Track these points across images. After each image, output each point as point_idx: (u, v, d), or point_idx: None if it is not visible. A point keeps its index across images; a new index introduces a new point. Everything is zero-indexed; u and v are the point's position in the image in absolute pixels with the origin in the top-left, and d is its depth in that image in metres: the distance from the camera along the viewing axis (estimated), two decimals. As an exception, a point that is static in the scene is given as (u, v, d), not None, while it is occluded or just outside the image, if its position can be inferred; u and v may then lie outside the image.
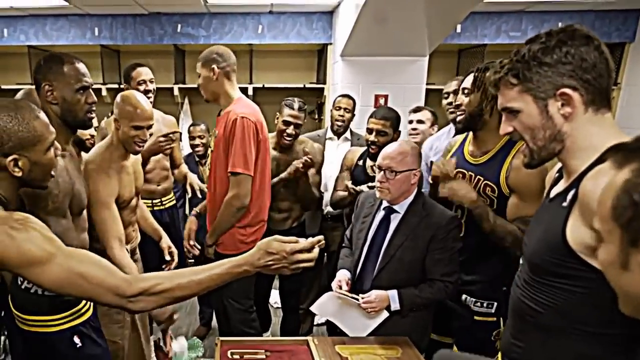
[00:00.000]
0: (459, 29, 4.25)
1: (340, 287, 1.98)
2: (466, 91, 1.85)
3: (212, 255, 2.40)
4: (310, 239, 1.21)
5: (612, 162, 0.67)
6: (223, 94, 2.36)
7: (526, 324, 1.19)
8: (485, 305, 1.92)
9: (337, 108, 3.22)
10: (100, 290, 1.12)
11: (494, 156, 1.85)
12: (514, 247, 1.73)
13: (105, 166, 1.95)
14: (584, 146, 1.07)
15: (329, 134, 3.30)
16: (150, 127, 2.01)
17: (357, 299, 1.88)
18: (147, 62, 4.75)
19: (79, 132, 1.83)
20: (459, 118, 1.90)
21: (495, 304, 1.88)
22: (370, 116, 2.66)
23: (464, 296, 1.96)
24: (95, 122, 2.06)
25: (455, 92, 1.91)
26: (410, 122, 3.09)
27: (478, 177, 1.87)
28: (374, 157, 2.53)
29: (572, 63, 1.04)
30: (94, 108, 1.70)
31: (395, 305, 1.90)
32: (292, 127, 2.65)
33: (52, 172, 1.36)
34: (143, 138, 1.98)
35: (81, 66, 1.65)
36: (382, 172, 1.94)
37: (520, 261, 1.27)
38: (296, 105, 2.66)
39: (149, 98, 2.61)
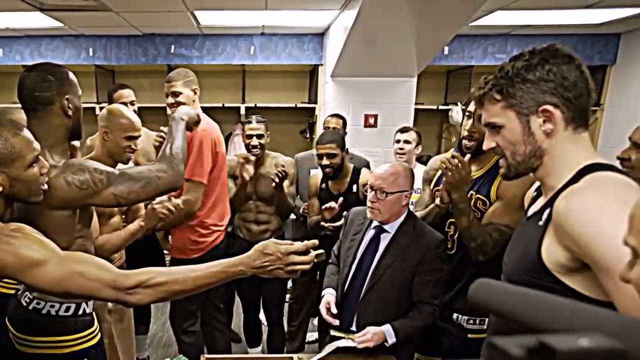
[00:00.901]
0: (446, 51, 4.36)
1: (329, 309, 1.97)
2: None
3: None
4: (305, 242, 1.22)
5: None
6: None
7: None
8: (478, 322, 1.91)
9: (327, 127, 3.29)
10: (98, 285, 1.16)
11: (487, 172, 1.89)
12: (479, 249, 1.77)
13: None
14: (560, 164, 1.09)
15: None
16: (139, 137, 2.09)
17: (353, 339, 1.86)
18: (141, 82, 4.88)
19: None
20: (470, 144, 1.87)
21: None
22: (317, 143, 2.74)
23: (455, 315, 1.96)
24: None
25: (469, 116, 1.87)
26: (398, 141, 3.16)
27: (470, 191, 1.90)
28: (333, 177, 2.72)
29: (554, 81, 1.06)
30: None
31: (392, 340, 1.86)
32: (254, 138, 2.78)
33: (43, 187, 1.36)
34: (134, 148, 2.07)
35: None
36: (373, 192, 1.93)
37: (502, 279, 1.26)
38: (254, 119, 2.82)
39: None
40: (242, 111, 4.69)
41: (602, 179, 1.01)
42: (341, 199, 2.62)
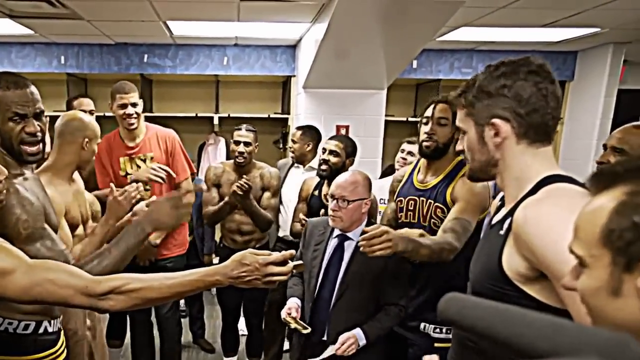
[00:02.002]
0: (415, 65, 4.50)
1: (290, 314, 2.00)
2: (442, 122, 1.89)
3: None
4: (283, 252, 1.23)
5: (590, 186, 0.66)
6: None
7: (467, 350, 1.21)
8: (444, 330, 1.93)
9: (293, 140, 3.37)
10: (69, 292, 1.13)
11: (442, 180, 1.94)
12: (446, 255, 1.74)
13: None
14: (518, 176, 1.12)
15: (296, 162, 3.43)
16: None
17: (305, 328, 1.94)
18: (114, 90, 4.85)
19: None
20: (428, 143, 1.93)
21: None
22: (330, 138, 2.81)
23: (422, 324, 1.98)
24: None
25: (427, 122, 1.93)
26: (402, 151, 3.19)
27: (429, 200, 1.94)
28: (329, 182, 2.60)
29: (507, 96, 1.09)
30: (39, 138, 1.50)
31: (363, 342, 1.92)
32: (242, 145, 2.82)
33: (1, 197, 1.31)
34: (94, 152, 2.06)
35: (14, 92, 1.44)
36: (335, 201, 1.98)
37: (468, 287, 1.29)
38: (244, 127, 2.88)
39: None
40: (216, 121, 4.72)
41: (559, 191, 1.05)
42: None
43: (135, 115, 2.68)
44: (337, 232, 2.07)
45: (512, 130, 1.10)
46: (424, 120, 1.95)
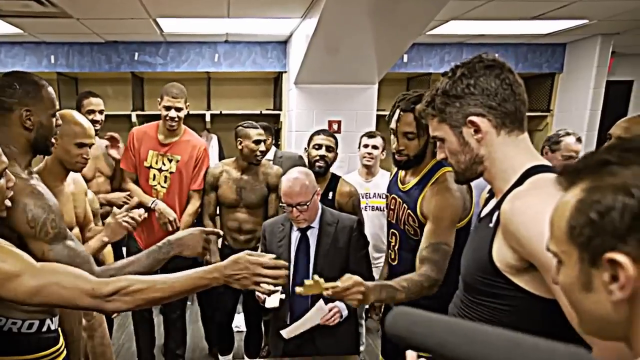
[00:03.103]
0: (405, 59, 4.52)
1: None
2: (410, 136, 1.82)
3: None
4: (275, 261, 1.28)
5: (558, 184, 0.67)
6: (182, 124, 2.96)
7: None
8: None
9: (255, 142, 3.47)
10: (76, 294, 1.15)
11: (416, 184, 1.88)
12: (429, 289, 1.67)
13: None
14: (503, 168, 1.14)
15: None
16: (92, 145, 1.99)
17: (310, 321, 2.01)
18: (105, 89, 4.85)
19: None
20: (399, 158, 1.88)
21: None
22: (317, 133, 2.78)
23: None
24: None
25: (393, 131, 1.87)
26: (366, 146, 3.22)
27: (404, 205, 1.91)
28: (319, 175, 2.62)
29: (474, 93, 1.13)
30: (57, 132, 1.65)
31: (346, 313, 2.05)
32: (262, 144, 2.82)
33: (7, 201, 1.34)
34: (86, 157, 1.95)
35: (51, 90, 1.60)
36: (294, 208, 2.03)
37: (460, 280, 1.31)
38: (258, 125, 2.87)
39: (96, 129, 2.74)
40: (208, 118, 4.72)
41: (544, 181, 1.06)
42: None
43: (177, 119, 2.86)
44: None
45: (490, 123, 1.14)
46: (391, 129, 1.88)
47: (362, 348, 3.31)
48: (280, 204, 2.11)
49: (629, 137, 0.61)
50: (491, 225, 1.13)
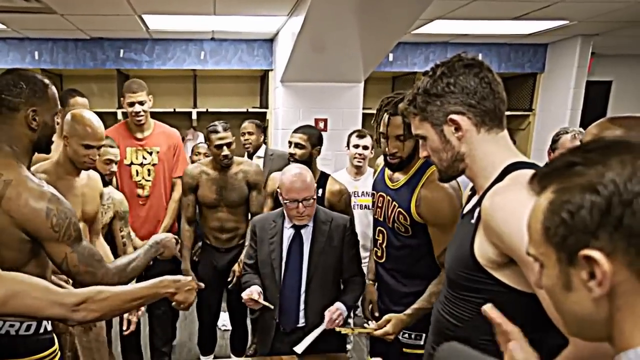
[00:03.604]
0: (391, 58, 4.57)
1: (251, 297, 2.02)
2: (401, 138, 1.84)
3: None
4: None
5: (531, 189, 0.69)
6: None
7: (445, 338, 1.22)
8: (413, 336, 1.90)
9: (242, 134, 3.58)
10: (43, 304, 1.15)
11: (407, 182, 1.89)
12: None
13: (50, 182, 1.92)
14: (484, 165, 1.17)
15: (245, 157, 3.51)
16: (100, 147, 2.03)
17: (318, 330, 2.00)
18: (90, 86, 4.82)
19: None
20: (393, 161, 1.89)
21: (424, 335, 1.72)
22: (294, 131, 2.74)
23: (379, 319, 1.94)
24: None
25: (383, 135, 1.88)
26: (356, 146, 3.21)
27: (394, 202, 1.91)
28: None
29: (454, 92, 1.15)
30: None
31: (346, 313, 2.07)
32: (224, 148, 2.72)
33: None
34: (93, 158, 1.99)
35: (55, 89, 1.59)
36: (300, 204, 2.01)
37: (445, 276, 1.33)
38: (220, 127, 2.72)
39: None
40: (194, 116, 4.72)
41: (523, 177, 1.05)
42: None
43: (142, 113, 2.92)
44: (290, 222, 2.13)
45: (470, 121, 1.16)
46: (381, 133, 1.89)
47: (349, 347, 3.32)
48: (284, 201, 2.05)
49: (592, 139, 0.63)
50: (473, 221, 1.16)
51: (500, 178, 1.12)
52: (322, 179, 2.70)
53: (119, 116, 4.54)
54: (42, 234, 1.42)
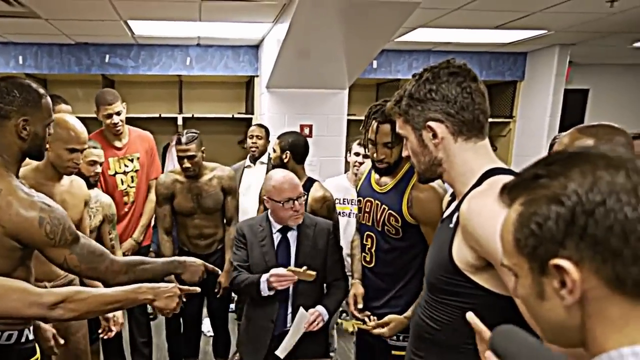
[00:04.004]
0: (375, 65, 4.63)
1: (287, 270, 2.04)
2: (389, 145, 1.88)
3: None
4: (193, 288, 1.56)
5: (501, 202, 0.71)
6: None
7: (425, 342, 1.27)
8: (401, 338, 1.90)
9: (250, 137, 3.54)
10: (21, 304, 1.18)
11: (396, 185, 1.94)
12: None
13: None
14: (462, 171, 1.18)
15: (247, 162, 3.59)
16: (84, 150, 2.04)
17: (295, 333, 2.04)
18: (75, 91, 4.80)
19: None
20: (381, 166, 1.94)
21: None
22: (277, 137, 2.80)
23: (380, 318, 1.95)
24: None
25: (372, 142, 1.93)
26: (357, 154, 3.16)
27: (383, 206, 1.94)
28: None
29: (435, 99, 1.16)
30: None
31: (327, 317, 2.12)
32: (185, 160, 2.68)
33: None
34: (77, 162, 1.99)
35: (49, 99, 1.56)
36: (295, 202, 2.06)
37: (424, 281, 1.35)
38: (184, 139, 2.68)
39: None
40: (180, 122, 4.71)
41: (500, 182, 1.11)
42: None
43: (120, 123, 2.94)
44: (277, 226, 2.17)
45: (447, 129, 1.17)
46: (370, 140, 1.93)
47: (332, 355, 3.30)
48: (278, 203, 2.06)
49: (554, 151, 0.67)
50: (451, 225, 1.18)
51: (478, 183, 1.14)
52: (308, 184, 2.68)
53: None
54: (38, 243, 1.43)
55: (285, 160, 2.70)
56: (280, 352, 2.05)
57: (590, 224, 0.59)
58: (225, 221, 2.96)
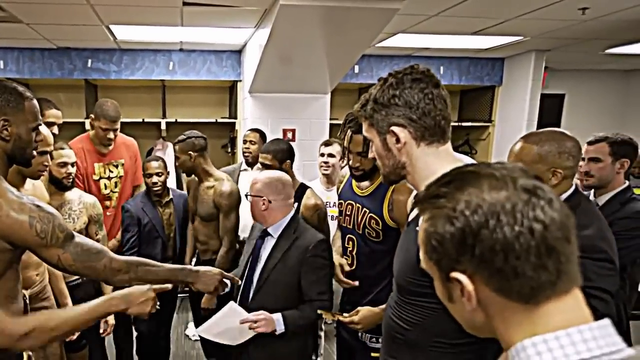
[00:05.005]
0: (356, 70, 4.71)
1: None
2: (363, 154, 1.93)
3: None
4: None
5: (418, 211, 0.75)
6: None
7: (396, 342, 1.29)
8: (380, 340, 1.85)
9: (244, 142, 3.49)
10: None
11: (376, 188, 1.97)
12: None
13: None
14: (425, 174, 1.19)
15: (243, 166, 3.54)
16: (50, 152, 2.06)
17: (242, 313, 1.95)
18: (58, 96, 4.77)
19: None
20: (357, 173, 2.01)
21: None
22: (261, 151, 2.77)
23: (360, 332, 1.97)
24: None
25: (347, 150, 1.99)
26: (322, 155, 3.21)
27: (364, 209, 1.97)
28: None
29: (398, 105, 1.19)
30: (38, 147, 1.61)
31: (281, 328, 1.94)
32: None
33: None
34: (46, 164, 2.02)
35: (36, 103, 1.55)
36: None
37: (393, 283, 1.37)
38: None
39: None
40: (163, 126, 4.72)
41: None
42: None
43: (114, 137, 3.04)
44: (260, 230, 2.15)
45: (410, 134, 1.20)
46: (345, 148, 2.01)
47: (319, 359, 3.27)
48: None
49: (452, 169, 0.72)
50: (417, 228, 1.21)
51: None
52: (300, 190, 2.60)
53: (87, 126, 4.50)
54: (30, 243, 1.42)
55: (285, 169, 2.62)
56: (202, 330, 2.05)
57: (477, 243, 0.64)
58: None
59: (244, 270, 2.13)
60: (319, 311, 1.93)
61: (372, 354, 1.95)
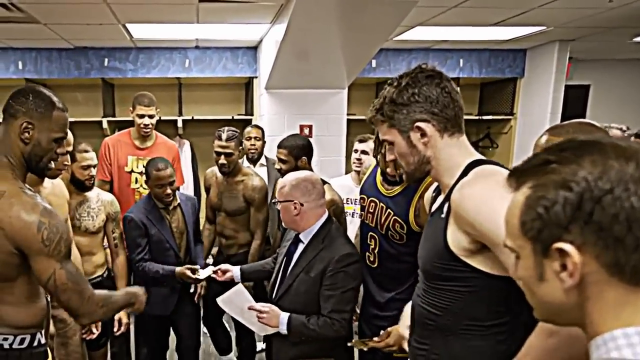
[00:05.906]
0: (374, 64, 4.63)
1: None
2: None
3: None
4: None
5: (508, 185, 0.72)
6: None
7: (427, 328, 1.32)
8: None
9: (248, 138, 3.48)
10: None
11: (404, 189, 1.92)
12: None
13: None
14: (449, 165, 1.27)
15: (245, 163, 3.53)
16: (70, 152, 2.10)
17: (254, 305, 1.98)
18: (75, 95, 4.81)
19: None
20: (392, 179, 1.97)
21: None
22: (277, 145, 2.72)
23: (382, 332, 1.89)
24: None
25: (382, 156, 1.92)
26: (356, 151, 3.14)
27: (388, 210, 1.94)
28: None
29: (419, 101, 1.25)
30: (58, 158, 1.61)
31: (283, 328, 1.90)
32: (222, 156, 2.71)
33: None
34: (66, 163, 2.06)
35: (66, 116, 1.57)
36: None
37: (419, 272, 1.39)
38: (224, 136, 2.69)
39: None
40: (180, 124, 4.72)
41: (486, 171, 1.21)
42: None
43: (150, 126, 3.17)
44: (294, 232, 2.08)
45: (434, 127, 1.26)
46: (381, 154, 1.93)
47: None
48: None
49: (565, 139, 0.69)
50: (443, 216, 1.25)
51: (464, 174, 1.22)
52: None
53: (104, 125, 4.54)
54: (32, 247, 1.40)
55: (303, 166, 2.61)
56: (219, 300, 2.14)
57: (597, 210, 0.61)
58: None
59: (277, 270, 2.11)
60: (349, 344, 1.89)
61: (394, 355, 1.86)
